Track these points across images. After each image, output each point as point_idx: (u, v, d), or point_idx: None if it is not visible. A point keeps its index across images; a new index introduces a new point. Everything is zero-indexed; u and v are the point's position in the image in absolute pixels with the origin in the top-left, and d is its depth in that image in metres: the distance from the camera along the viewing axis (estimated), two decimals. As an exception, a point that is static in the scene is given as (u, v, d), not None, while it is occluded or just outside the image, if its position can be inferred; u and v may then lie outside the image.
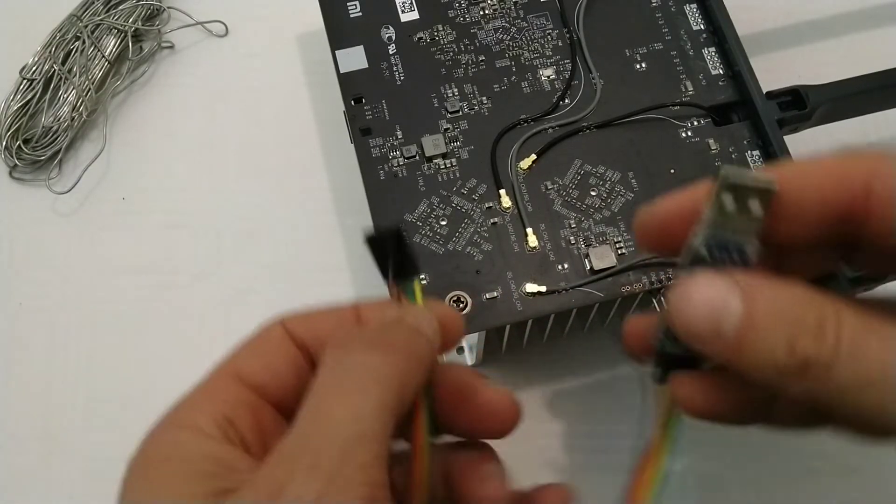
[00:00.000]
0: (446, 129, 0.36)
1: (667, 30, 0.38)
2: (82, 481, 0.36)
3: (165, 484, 0.21)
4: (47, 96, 0.42)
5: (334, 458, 0.20)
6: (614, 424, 0.36)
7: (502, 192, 0.34)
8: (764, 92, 0.36)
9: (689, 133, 0.36)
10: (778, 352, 0.21)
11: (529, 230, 0.34)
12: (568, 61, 0.37)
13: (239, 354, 0.24)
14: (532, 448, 0.36)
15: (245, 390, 0.24)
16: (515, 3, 0.38)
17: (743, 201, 0.22)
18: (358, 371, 0.22)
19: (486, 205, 0.34)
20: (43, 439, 0.37)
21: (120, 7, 0.43)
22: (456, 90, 0.37)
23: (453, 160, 0.35)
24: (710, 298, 0.21)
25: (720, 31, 0.37)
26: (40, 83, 0.42)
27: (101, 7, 0.43)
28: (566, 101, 0.36)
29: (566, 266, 0.33)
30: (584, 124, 0.36)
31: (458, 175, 0.35)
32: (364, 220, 0.34)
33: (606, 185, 0.35)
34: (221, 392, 0.23)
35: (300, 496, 0.19)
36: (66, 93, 0.42)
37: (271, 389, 0.24)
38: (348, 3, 0.38)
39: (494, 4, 0.38)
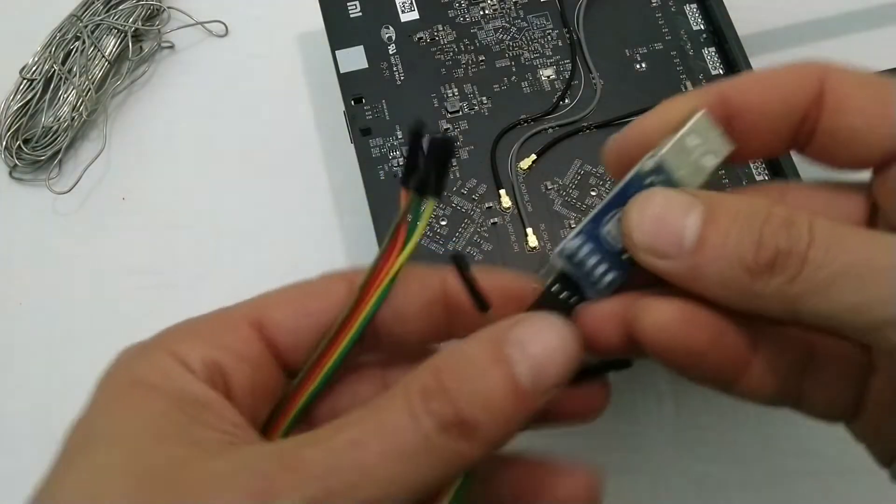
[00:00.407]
0: (446, 129, 0.36)
1: (667, 30, 0.38)
2: (82, 481, 0.36)
3: (144, 412, 0.20)
4: (47, 96, 0.42)
5: (370, 481, 0.19)
6: (614, 424, 0.36)
7: (502, 192, 0.34)
8: (764, 92, 0.36)
9: (689, 133, 0.36)
10: (746, 249, 0.19)
11: (529, 230, 0.34)
12: (568, 61, 0.37)
13: (275, 298, 0.23)
14: (531, 448, 0.36)
15: (258, 344, 0.22)
16: (515, 3, 0.38)
17: (703, 149, 0.22)
18: (422, 439, 0.19)
19: (486, 205, 0.34)
20: (43, 439, 0.37)
21: (120, 7, 0.43)
22: (456, 90, 0.37)
23: (453, 160, 0.35)
24: (668, 207, 0.20)
25: (720, 31, 0.37)
26: (40, 83, 0.42)
27: (101, 7, 0.43)
28: (566, 101, 0.36)
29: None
30: (584, 124, 0.36)
31: (458, 175, 0.35)
32: (364, 220, 0.34)
33: (606, 185, 0.35)
34: (227, 336, 0.22)
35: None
36: (66, 93, 0.42)
37: (291, 350, 0.22)
38: (348, 3, 0.38)
39: (494, 4, 0.38)
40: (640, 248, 0.20)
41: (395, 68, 0.37)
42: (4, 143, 0.41)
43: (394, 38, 0.38)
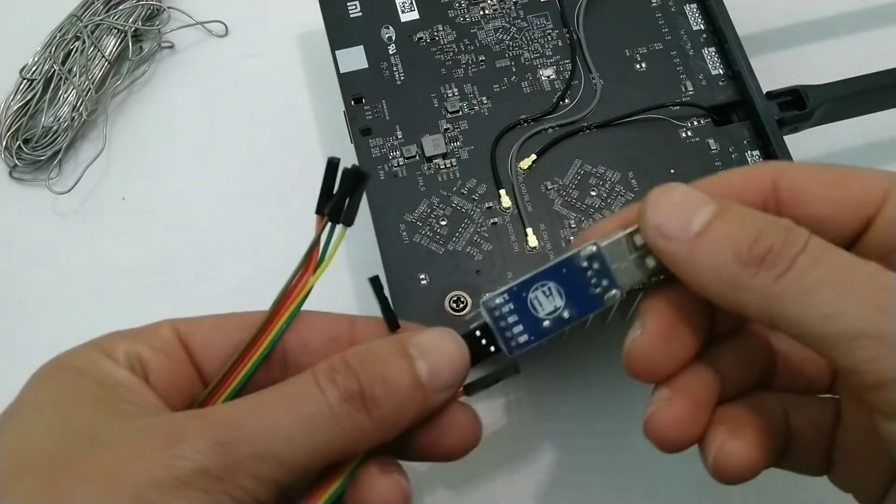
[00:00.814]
0: (446, 129, 0.36)
1: (667, 30, 0.38)
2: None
3: (68, 387, 0.23)
4: (47, 96, 0.42)
5: (239, 452, 0.20)
6: (614, 424, 0.36)
7: (502, 192, 0.34)
8: (764, 92, 0.36)
9: (689, 133, 0.36)
10: (743, 239, 0.21)
11: (529, 230, 0.34)
12: (568, 61, 0.37)
13: (196, 319, 0.25)
14: (532, 448, 0.36)
15: (175, 343, 0.25)
16: (515, 3, 0.38)
17: (646, 253, 0.24)
18: (325, 404, 0.22)
19: (486, 205, 0.34)
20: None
21: (120, 7, 0.43)
22: (456, 90, 0.37)
23: (453, 160, 0.35)
24: (686, 198, 0.22)
25: (720, 31, 0.37)
26: (40, 83, 0.42)
27: (101, 7, 0.43)
28: (566, 101, 0.36)
29: (566, 266, 0.33)
30: (584, 124, 0.36)
31: (458, 175, 0.35)
32: (364, 220, 0.34)
33: (606, 185, 0.35)
34: (148, 333, 0.25)
35: (193, 457, 0.20)
36: (66, 93, 0.42)
37: (205, 356, 0.25)
38: (348, 3, 0.38)
39: (494, 4, 0.38)
40: (650, 227, 0.23)
41: (395, 68, 0.37)
42: (4, 143, 0.41)
43: (394, 38, 0.38)
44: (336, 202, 0.24)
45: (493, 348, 0.25)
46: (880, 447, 0.21)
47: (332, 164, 0.24)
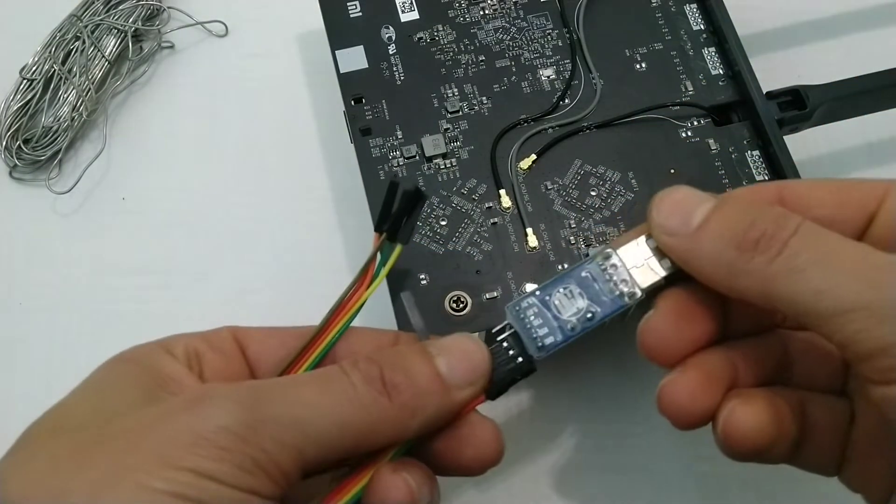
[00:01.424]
0: (446, 129, 0.36)
1: (667, 30, 0.38)
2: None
3: (117, 374, 0.24)
4: (47, 96, 0.42)
5: (262, 412, 0.21)
6: (615, 424, 0.36)
7: (502, 192, 0.34)
8: (764, 92, 0.36)
9: (689, 133, 0.36)
10: (739, 227, 0.22)
11: (529, 230, 0.34)
12: (568, 61, 0.37)
13: (254, 328, 0.27)
14: (532, 448, 0.36)
15: (232, 343, 0.26)
16: (515, 3, 0.38)
17: (661, 254, 0.25)
18: (349, 384, 0.23)
19: (486, 205, 0.34)
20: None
21: (120, 7, 0.43)
22: (456, 90, 0.37)
23: (453, 160, 0.35)
24: (687, 196, 0.24)
25: (720, 31, 0.37)
26: (40, 83, 0.42)
27: (101, 7, 0.43)
28: (566, 101, 0.36)
29: (566, 266, 0.33)
30: (584, 124, 0.36)
31: (458, 175, 0.35)
32: (364, 221, 0.34)
33: (606, 185, 0.35)
34: (211, 336, 0.26)
35: (215, 416, 0.21)
36: (66, 93, 0.42)
37: (259, 358, 0.26)
38: (348, 3, 0.38)
39: (494, 4, 0.38)
40: (656, 226, 0.24)
41: (395, 68, 0.37)
42: (4, 143, 0.41)
43: (394, 38, 0.38)
44: (395, 221, 0.25)
45: (520, 359, 0.26)
46: (890, 445, 0.22)
47: (394, 185, 0.25)
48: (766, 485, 0.35)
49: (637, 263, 0.26)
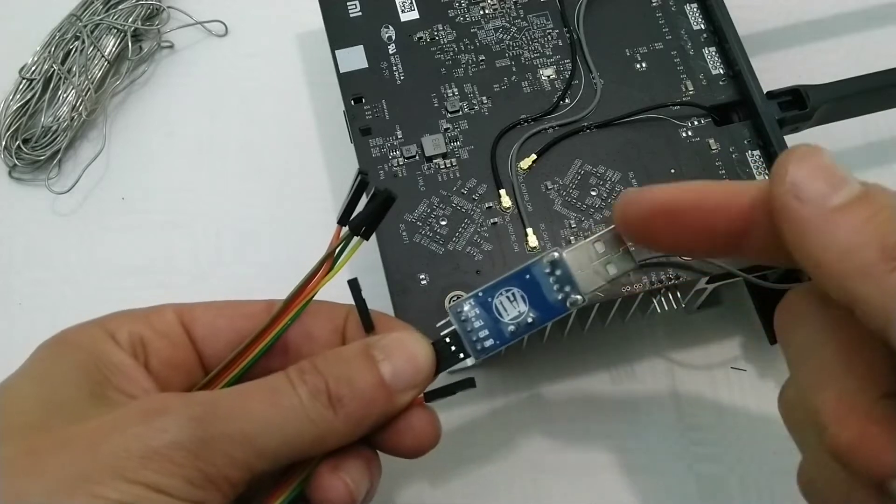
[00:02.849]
0: (446, 129, 0.36)
1: (667, 30, 0.38)
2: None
3: (62, 362, 0.24)
4: (47, 96, 0.42)
5: (214, 429, 0.21)
6: (614, 424, 0.36)
7: (502, 192, 0.34)
8: (764, 92, 0.36)
9: (690, 133, 0.36)
10: (891, 230, 0.19)
11: (529, 230, 0.34)
12: (568, 61, 0.37)
13: (201, 303, 0.27)
14: (531, 448, 0.36)
15: (178, 328, 0.26)
16: (515, 2, 0.38)
17: (607, 260, 0.25)
18: (297, 399, 0.23)
19: (486, 205, 0.34)
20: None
21: (119, 7, 0.43)
22: (456, 90, 0.37)
23: (453, 160, 0.35)
24: (833, 165, 0.20)
25: (720, 31, 0.37)
26: (40, 83, 0.42)
27: (101, 7, 0.43)
28: (566, 101, 0.36)
29: (566, 266, 0.33)
30: (584, 124, 0.36)
31: (458, 175, 0.35)
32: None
33: (606, 185, 0.35)
34: (153, 317, 0.26)
35: (169, 430, 0.21)
36: (65, 93, 0.42)
37: (207, 341, 0.26)
38: (348, 3, 0.38)
39: (494, 4, 0.38)
40: (787, 182, 0.20)
41: (395, 68, 0.37)
42: (4, 143, 0.41)
43: (394, 37, 0.38)
44: (361, 218, 0.25)
45: (462, 355, 0.26)
46: None
47: (363, 182, 0.25)
48: (766, 485, 0.35)
49: (583, 268, 0.25)
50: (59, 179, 0.41)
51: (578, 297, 0.25)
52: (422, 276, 0.33)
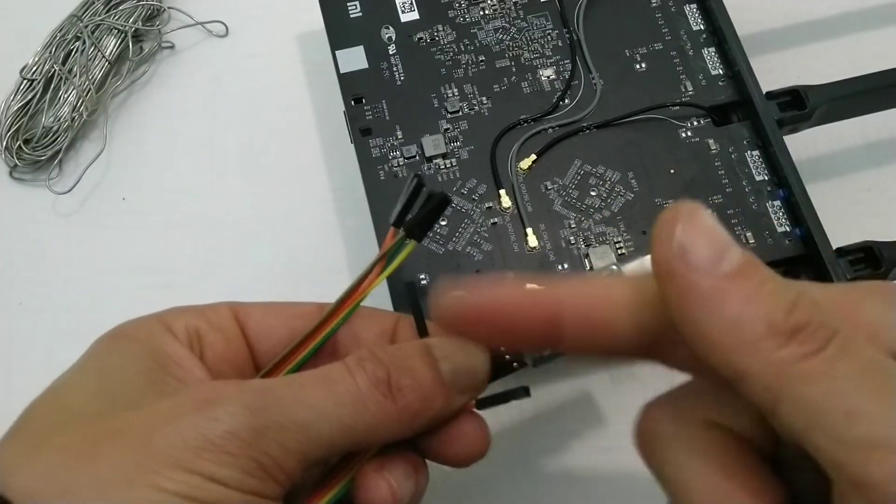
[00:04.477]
0: (446, 129, 0.36)
1: (667, 30, 0.38)
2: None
3: (119, 354, 0.24)
4: (47, 96, 0.42)
5: (269, 418, 0.21)
6: (614, 424, 0.36)
7: (502, 192, 0.34)
8: (764, 92, 0.36)
9: (689, 133, 0.36)
10: (780, 304, 0.18)
11: (529, 230, 0.34)
12: (568, 61, 0.37)
13: (253, 304, 0.27)
14: (531, 448, 0.36)
15: (233, 323, 0.26)
16: (515, 3, 0.38)
17: None
18: (353, 386, 0.23)
19: (486, 205, 0.34)
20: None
21: (120, 7, 0.43)
22: (456, 90, 0.37)
23: (453, 160, 0.35)
24: (717, 229, 0.19)
25: (720, 31, 0.37)
26: (40, 83, 0.42)
27: (102, 7, 0.43)
28: (566, 101, 0.36)
29: (566, 266, 0.33)
30: (584, 124, 0.36)
31: (458, 175, 0.35)
32: (364, 220, 0.34)
33: (606, 185, 0.35)
34: (209, 312, 0.26)
35: (223, 420, 0.21)
36: (66, 93, 0.42)
37: (259, 338, 0.26)
38: (348, 3, 0.38)
39: (494, 4, 0.38)
40: (675, 245, 0.19)
41: (395, 68, 0.37)
42: (5, 144, 0.41)
43: (394, 38, 0.38)
44: (416, 220, 0.25)
45: (516, 364, 0.25)
46: None
47: (419, 185, 0.25)
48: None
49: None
50: (59, 180, 0.41)
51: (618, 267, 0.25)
52: (422, 276, 0.33)
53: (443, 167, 0.35)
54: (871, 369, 0.18)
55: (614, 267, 0.26)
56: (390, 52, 0.37)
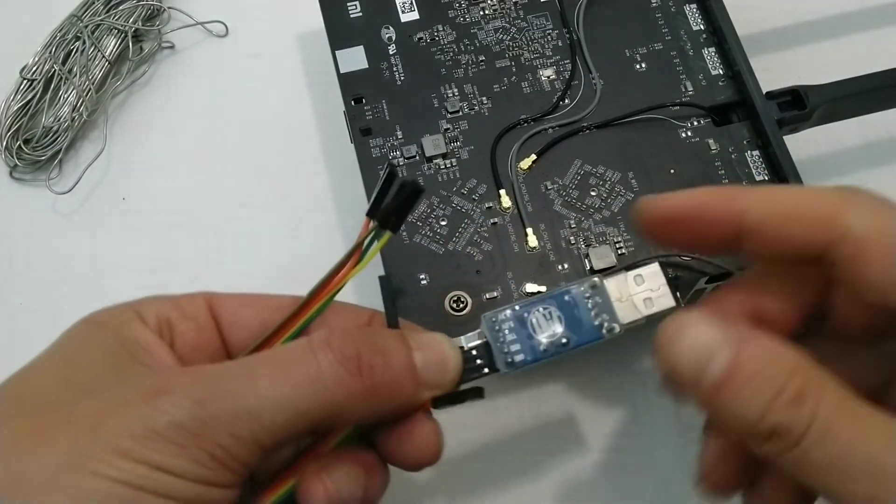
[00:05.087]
0: (446, 129, 0.36)
1: (667, 30, 0.38)
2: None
3: (87, 341, 0.24)
4: (47, 96, 0.42)
5: (216, 408, 0.21)
6: (613, 425, 0.36)
7: (502, 192, 0.34)
8: (764, 92, 0.36)
9: (689, 133, 0.36)
10: (752, 412, 0.21)
11: (529, 230, 0.34)
12: (568, 61, 0.37)
13: (229, 294, 0.27)
14: (530, 448, 0.36)
15: (205, 313, 0.26)
16: (515, 3, 0.38)
17: (646, 295, 0.26)
18: (313, 366, 0.22)
19: (486, 205, 0.34)
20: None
21: (120, 7, 0.43)
22: (456, 90, 0.37)
23: (453, 160, 0.35)
24: (697, 343, 0.22)
25: (720, 31, 0.37)
26: (40, 83, 0.42)
27: (102, 7, 0.43)
28: (566, 101, 0.36)
29: (566, 266, 0.33)
30: (584, 124, 0.36)
31: (458, 175, 0.35)
32: (364, 220, 0.34)
33: (606, 185, 0.35)
34: (181, 300, 0.26)
35: (166, 411, 0.21)
36: (66, 93, 0.42)
37: (232, 327, 0.26)
38: (348, 3, 0.38)
39: (494, 4, 0.38)
40: (665, 372, 0.22)
41: (395, 68, 0.37)
42: (5, 144, 0.41)
43: (394, 38, 0.38)
44: (388, 210, 0.25)
45: (486, 369, 0.25)
46: None
47: (392, 174, 0.25)
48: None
49: (622, 298, 0.25)
50: (59, 180, 0.41)
51: (616, 325, 0.25)
52: (422, 276, 0.33)
53: (443, 167, 0.35)
54: (843, 455, 0.20)
55: (596, 279, 0.26)
56: (390, 52, 0.37)
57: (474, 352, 0.25)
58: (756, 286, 0.24)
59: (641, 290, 0.26)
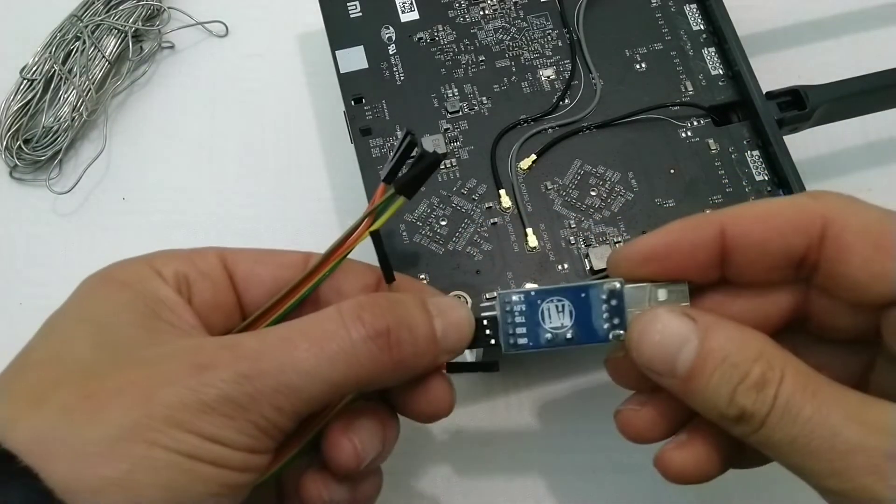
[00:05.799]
0: (446, 129, 0.36)
1: (667, 30, 0.38)
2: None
3: (112, 301, 0.24)
4: (47, 96, 0.42)
5: (261, 383, 0.22)
6: (613, 424, 0.36)
7: (502, 192, 0.34)
8: (764, 92, 0.36)
9: (689, 133, 0.36)
10: (720, 399, 0.23)
11: (529, 230, 0.34)
12: (568, 61, 0.37)
13: (241, 250, 0.27)
14: (531, 447, 0.36)
15: (221, 270, 0.27)
16: (515, 3, 0.38)
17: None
18: (348, 342, 0.23)
19: (486, 205, 0.34)
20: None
21: (120, 7, 0.43)
22: (456, 90, 0.37)
23: (453, 160, 0.35)
24: (668, 337, 0.24)
25: (720, 31, 0.37)
26: (40, 83, 0.42)
27: (102, 7, 0.43)
28: (566, 101, 0.36)
29: (566, 266, 0.33)
30: (584, 124, 0.36)
31: (458, 175, 0.35)
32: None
33: (606, 185, 0.35)
34: (197, 258, 0.26)
35: (216, 385, 0.21)
36: (66, 93, 0.42)
37: (247, 284, 0.27)
38: (348, 3, 0.38)
39: (494, 4, 0.38)
40: (640, 364, 0.24)
41: (395, 68, 0.37)
42: (5, 144, 0.41)
43: (394, 38, 0.38)
44: (407, 178, 0.25)
45: (493, 340, 0.26)
46: None
47: (412, 143, 0.25)
48: (766, 485, 0.35)
49: (638, 307, 0.25)
50: (59, 180, 0.41)
51: (623, 333, 0.25)
52: (422, 276, 0.33)
53: (443, 167, 0.35)
54: (801, 435, 0.22)
55: (617, 283, 0.26)
56: (390, 52, 0.37)
57: (485, 322, 0.26)
58: (731, 296, 0.26)
59: (663, 303, 0.25)
